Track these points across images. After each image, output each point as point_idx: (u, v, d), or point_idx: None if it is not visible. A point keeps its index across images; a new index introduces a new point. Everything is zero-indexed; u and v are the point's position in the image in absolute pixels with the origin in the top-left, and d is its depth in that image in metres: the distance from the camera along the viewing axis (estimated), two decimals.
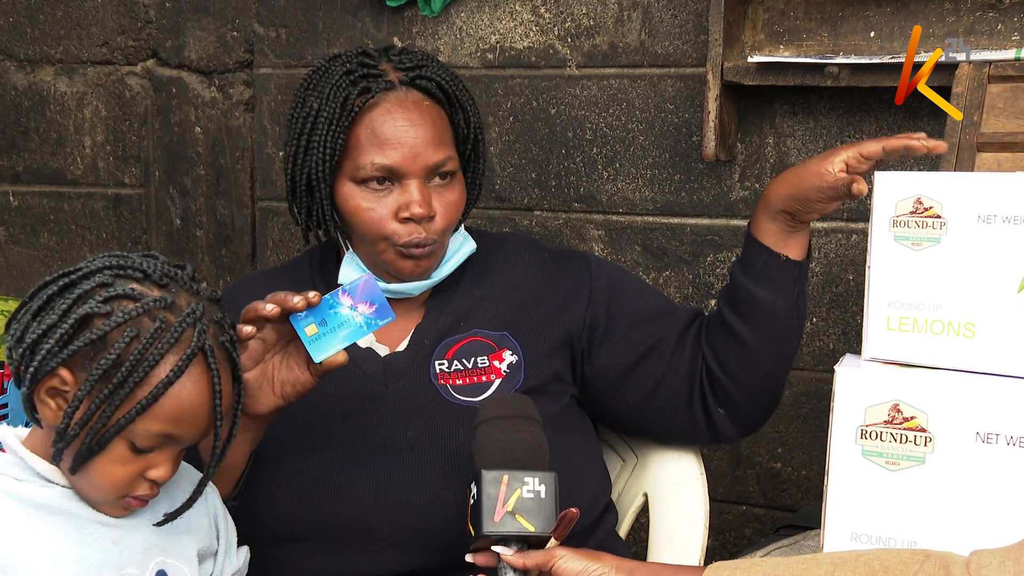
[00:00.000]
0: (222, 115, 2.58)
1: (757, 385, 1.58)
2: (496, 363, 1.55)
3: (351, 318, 1.33)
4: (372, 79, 1.53)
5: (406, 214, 1.50)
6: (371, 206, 1.51)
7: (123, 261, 1.19)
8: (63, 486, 1.20)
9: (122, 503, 1.20)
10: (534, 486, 1.24)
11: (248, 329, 1.29)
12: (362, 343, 1.56)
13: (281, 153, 2.52)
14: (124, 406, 1.13)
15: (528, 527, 1.23)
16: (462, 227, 1.63)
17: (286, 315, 1.31)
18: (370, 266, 1.57)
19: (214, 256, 2.64)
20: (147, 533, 1.24)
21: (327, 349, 1.32)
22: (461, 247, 1.61)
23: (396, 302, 1.56)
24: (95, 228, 2.74)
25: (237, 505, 1.44)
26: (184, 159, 2.62)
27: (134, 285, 1.16)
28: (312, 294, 1.30)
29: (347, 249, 1.59)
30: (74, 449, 1.15)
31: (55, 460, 1.17)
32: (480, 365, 1.55)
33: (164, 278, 1.18)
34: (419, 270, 1.54)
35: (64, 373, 1.14)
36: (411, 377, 1.55)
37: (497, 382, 1.55)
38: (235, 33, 2.54)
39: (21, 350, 1.16)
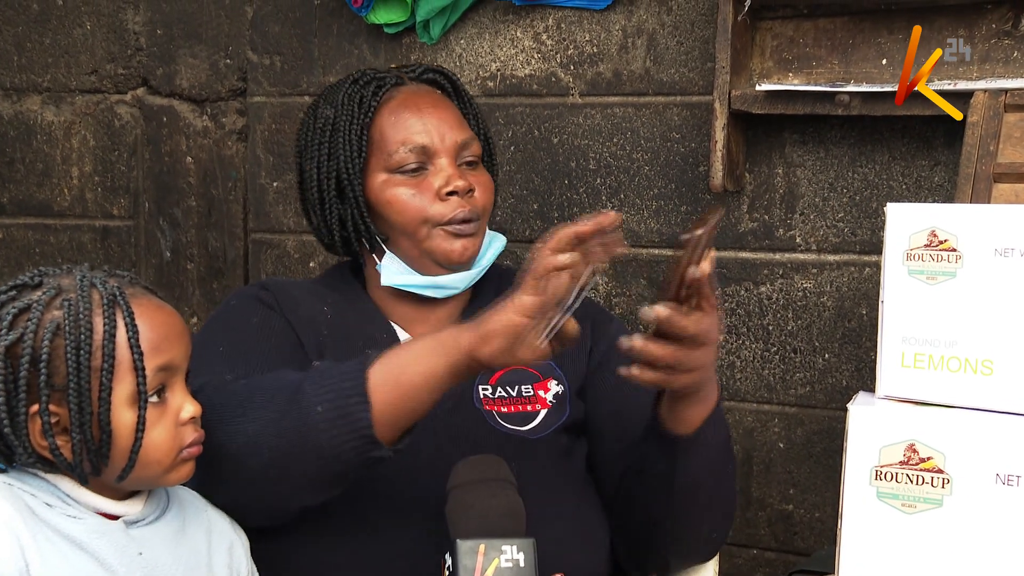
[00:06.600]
0: (214, 144, 2.54)
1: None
2: (541, 392, 1.56)
3: None
4: (382, 79, 1.60)
5: (448, 188, 1.52)
6: (411, 191, 1.53)
7: None
8: (95, 514, 1.19)
9: (183, 460, 1.23)
10: (512, 554, 1.21)
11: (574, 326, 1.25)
12: None
13: (276, 184, 2.47)
14: (95, 382, 1.15)
15: None
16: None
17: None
18: (414, 261, 1.56)
19: (205, 290, 2.60)
20: None
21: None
22: (493, 241, 1.62)
23: (438, 305, 1.57)
24: (82, 261, 2.67)
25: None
26: (175, 190, 2.59)
27: (15, 302, 1.19)
28: None
29: (373, 255, 1.58)
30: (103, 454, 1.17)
31: (83, 482, 1.19)
32: (525, 394, 1.55)
33: (35, 278, 1.21)
34: (466, 254, 1.54)
35: (34, 410, 1.15)
36: (456, 401, 1.53)
37: (543, 412, 1.54)
38: (228, 61, 2.51)
39: None
